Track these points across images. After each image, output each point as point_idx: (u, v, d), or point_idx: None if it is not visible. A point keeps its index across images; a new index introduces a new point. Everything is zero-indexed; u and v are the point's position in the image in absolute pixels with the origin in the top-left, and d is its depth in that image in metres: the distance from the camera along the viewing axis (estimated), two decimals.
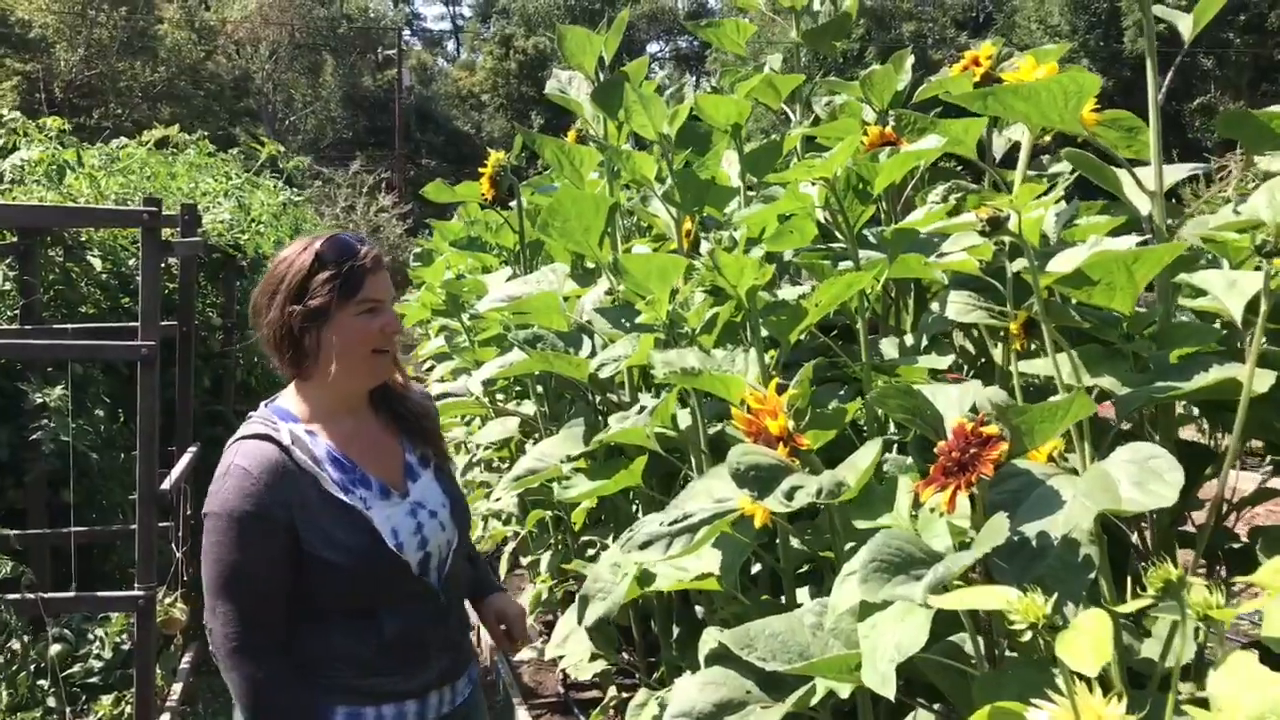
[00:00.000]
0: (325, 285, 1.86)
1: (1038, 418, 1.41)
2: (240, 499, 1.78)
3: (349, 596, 1.85)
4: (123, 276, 3.99)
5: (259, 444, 1.84)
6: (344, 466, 1.89)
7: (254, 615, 1.79)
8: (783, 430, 1.73)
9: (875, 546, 1.33)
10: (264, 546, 1.79)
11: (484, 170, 3.67)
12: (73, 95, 28.65)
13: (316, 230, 9.87)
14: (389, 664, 1.88)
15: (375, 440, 1.99)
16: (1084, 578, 1.34)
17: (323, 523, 1.82)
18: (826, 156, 2.25)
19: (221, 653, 1.79)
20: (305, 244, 1.93)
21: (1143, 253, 1.72)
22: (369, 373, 1.95)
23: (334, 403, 1.94)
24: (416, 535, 1.91)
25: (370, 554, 1.84)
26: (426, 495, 1.98)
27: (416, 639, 1.91)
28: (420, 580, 1.91)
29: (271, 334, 1.90)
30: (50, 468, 3.32)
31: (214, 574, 1.80)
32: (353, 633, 1.86)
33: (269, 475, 1.80)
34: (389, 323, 1.93)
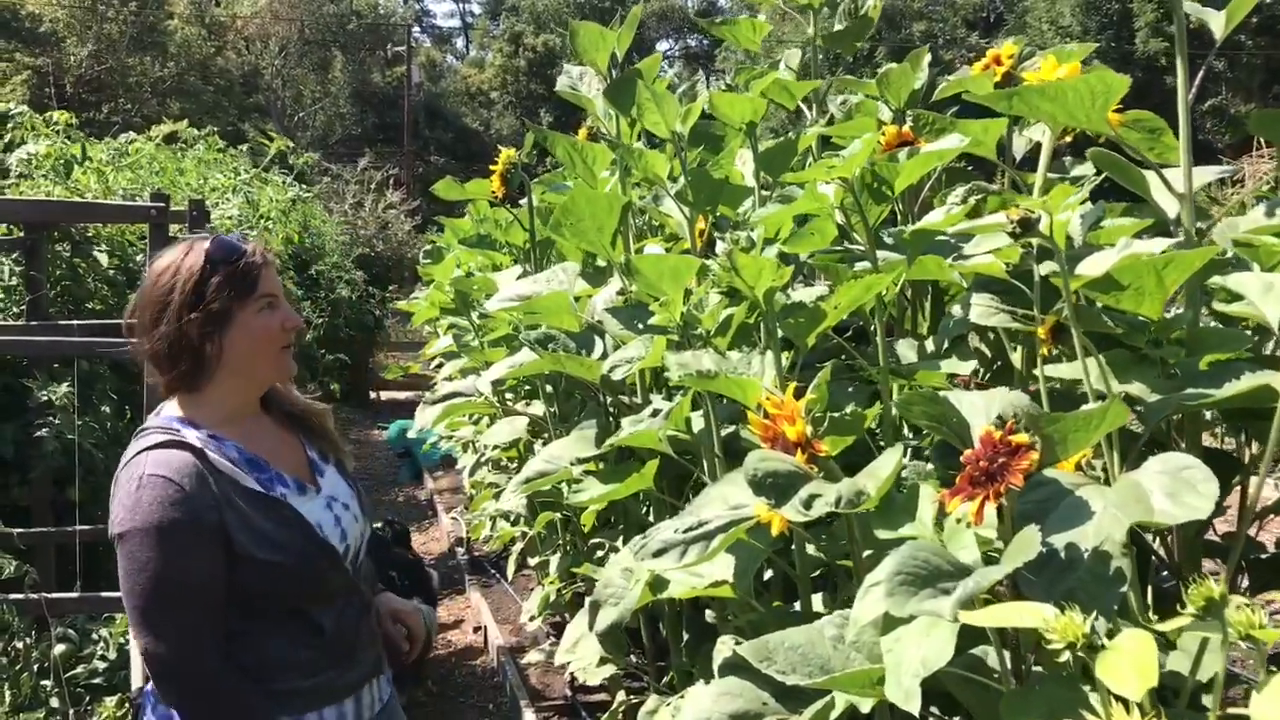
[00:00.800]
0: (221, 286, 1.80)
1: (1071, 426, 1.36)
2: (165, 508, 1.69)
3: (285, 596, 1.81)
4: (130, 272, 3.96)
5: (169, 451, 1.75)
6: (259, 465, 1.84)
7: (203, 627, 1.72)
8: (800, 436, 1.68)
9: (901, 559, 1.28)
10: (200, 554, 1.71)
11: (494, 168, 3.63)
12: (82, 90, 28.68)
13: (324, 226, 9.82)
14: (324, 663, 1.85)
15: (277, 439, 1.95)
16: (1116, 591, 1.30)
17: (254, 522, 1.76)
18: (845, 156, 2.21)
19: (174, 675, 1.71)
20: (186, 249, 1.86)
21: (1174, 257, 1.67)
22: (275, 371, 1.92)
23: (234, 407, 1.88)
24: (337, 528, 1.89)
25: (304, 548, 1.80)
26: (336, 489, 1.96)
27: (350, 633, 1.90)
28: (344, 573, 1.89)
29: (165, 347, 1.81)
30: (55, 465, 3.29)
31: (150, 593, 1.69)
32: (287, 635, 1.82)
33: (190, 480, 1.72)
34: (288, 317, 1.89)
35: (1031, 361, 2.28)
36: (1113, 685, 0.97)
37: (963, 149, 2.26)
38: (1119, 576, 1.30)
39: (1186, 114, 1.99)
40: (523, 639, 4.89)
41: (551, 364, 2.92)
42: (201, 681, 1.71)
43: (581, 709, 4.11)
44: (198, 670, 1.71)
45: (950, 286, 2.60)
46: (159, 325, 1.81)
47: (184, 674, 1.71)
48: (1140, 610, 1.45)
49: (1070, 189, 1.52)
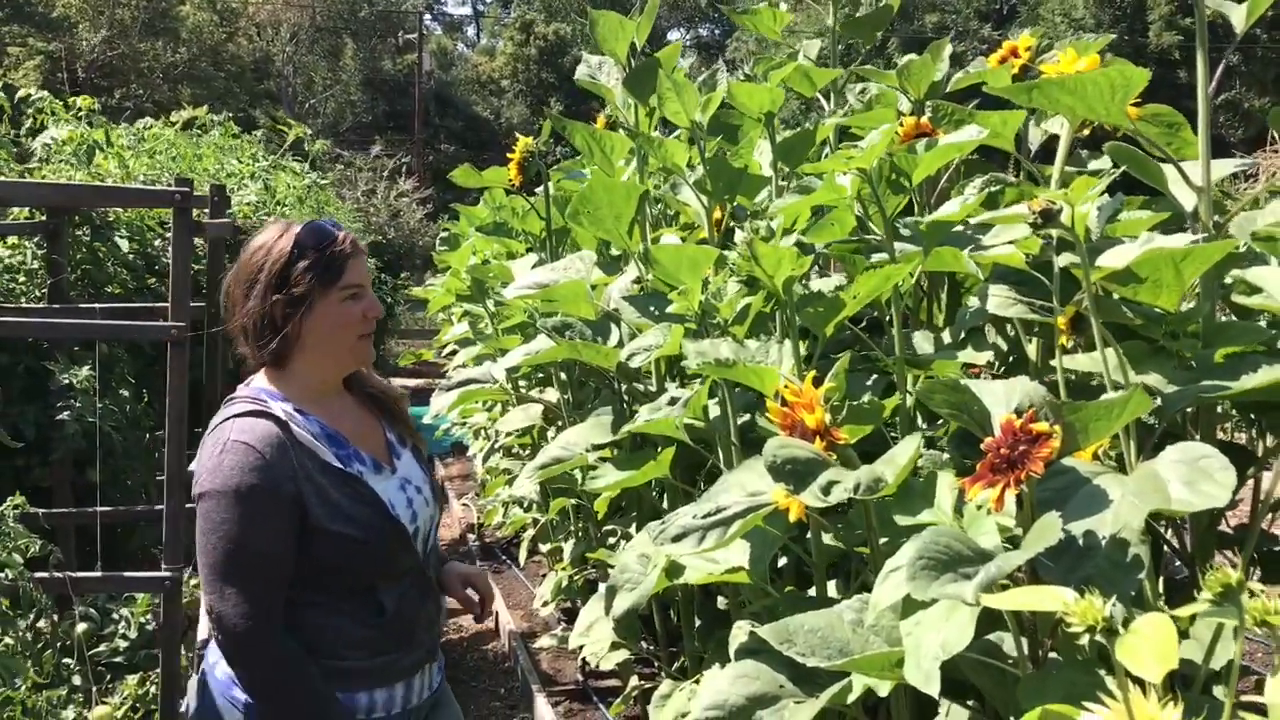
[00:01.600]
0: (307, 271, 1.84)
1: (1092, 415, 1.38)
2: (245, 474, 1.75)
3: (355, 572, 1.85)
4: (149, 257, 3.99)
5: (254, 420, 1.81)
6: (339, 442, 1.89)
7: (269, 594, 1.76)
8: (820, 424, 1.71)
9: (923, 544, 1.30)
10: (274, 522, 1.76)
11: (511, 156, 3.65)
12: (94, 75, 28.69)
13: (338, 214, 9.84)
14: (386, 642, 1.88)
15: (358, 419, 1.99)
16: (1134, 578, 1.32)
17: (330, 496, 1.81)
18: (863, 147, 2.23)
19: (236, 637, 1.74)
20: (281, 230, 1.91)
21: (1193, 250, 1.69)
22: (353, 358, 1.95)
23: (316, 387, 1.93)
24: (409, 509, 1.93)
25: (378, 524, 1.84)
26: (411, 472, 2.00)
27: (411, 615, 1.92)
28: (415, 552, 1.93)
29: (251, 323, 1.86)
30: (76, 447, 3.32)
31: (220, 555, 1.75)
32: (350, 613, 1.86)
33: (272, 449, 1.78)
34: (370, 307, 1.93)
35: (1048, 353, 2.29)
36: (1132, 667, 0.99)
37: (981, 141, 2.27)
38: (1137, 563, 1.32)
39: (1206, 108, 1.99)
40: (534, 624, 4.92)
41: (568, 351, 2.95)
42: (259, 644, 1.75)
43: (593, 694, 4.14)
44: (256, 632, 1.74)
45: (966, 278, 2.62)
46: (247, 301, 1.86)
47: (242, 634, 1.74)
48: (1155, 598, 1.47)
49: (1092, 180, 1.54)
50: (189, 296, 2.64)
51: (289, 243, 1.86)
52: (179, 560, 2.67)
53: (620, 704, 3.61)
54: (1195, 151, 2.15)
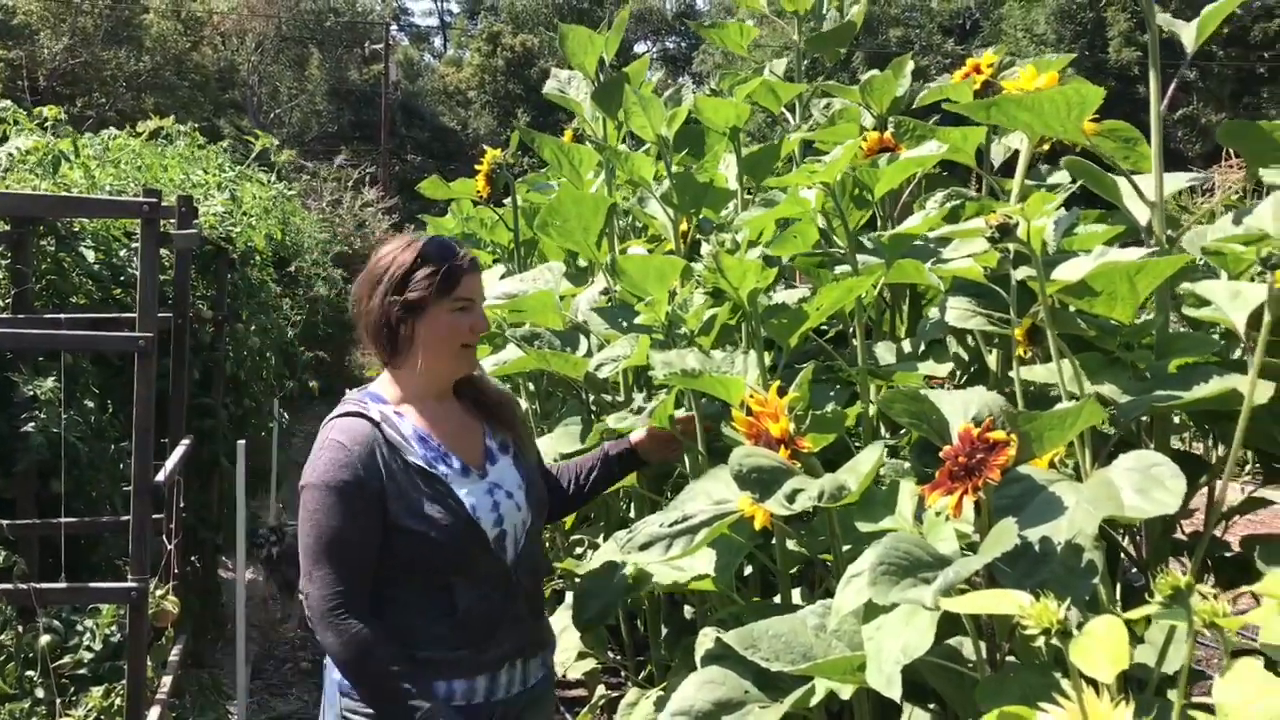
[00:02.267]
0: (424, 280, 2.02)
1: (1047, 424, 1.42)
2: (337, 470, 1.94)
3: (429, 568, 1.98)
4: (115, 267, 3.97)
5: (352, 420, 2.01)
6: (428, 444, 2.04)
7: (349, 579, 1.92)
8: (784, 433, 1.74)
9: (883, 550, 1.34)
10: (358, 514, 1.93)
11: (479, 167, 3.67)
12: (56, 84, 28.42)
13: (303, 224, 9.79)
14: (460, 638, 1.99)
15: (459, 423, 2.13)
16: (1088, 582, 1.36)
17: (409, 494, 1.96)
18: (827, 161, 2.27)
19: (318, 615, 1.92)
20: (408, 242, 2.10)
21: (1146, 264, 1.74)
22: (456, 365, 2.11)
23: (422, 388, 2.09)
24: (494, 513, 2.04)
25: (452, 525, 1.97)
26: (504, 477, 2.11)
27: (486, 614, 2.02)
28: (495, 556, 2.03)
29: (371, 323, 2.06)
30: (40, 458, 3.30)
31: (312, 541, 1.94)
32: (428, 607, 1.99)
33: (362, 448, 1.96)
34: (478, 322, 2.09)
35: (1007, 364, 2.34)
36: (1085, 668, 1.02)
37: (942, 155, 2.32)
38: (1090, 569, 1.36)
39: (1159, 124, 2.05)
40: None
41: (537, 361, 2.97)
42: (338, 622, 1.90)
43: (560, 704, 4.15)
44: (336, 611, 1.90)
45: (928, 290, 2.66)
46: (368, 302, 2.06)
47: (324, 613, 1.91)
48: (1110, 602, 1.51)
49: (1048, 195, 1.58)
50: (156, 308, 2.64)
51: (413, 253, 2.04)
52: (145, 571, 2.66)
53: (587, 713, 3.62)
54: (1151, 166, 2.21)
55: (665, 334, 2.57)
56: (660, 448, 2.43)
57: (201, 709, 3.40)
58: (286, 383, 7.07)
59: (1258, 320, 1.56)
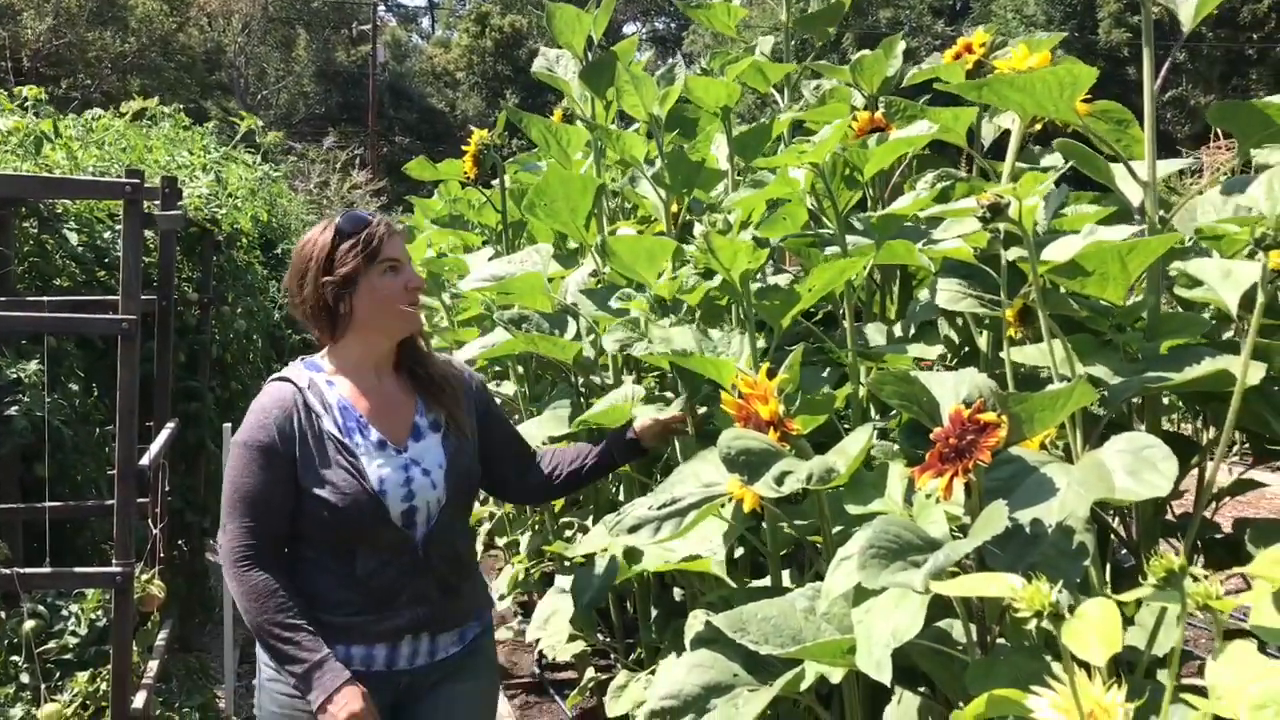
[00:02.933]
0: (349, 253, 2.08)
1: (1038, 406, 1.41)
2: (255, 430, 2.04)
3: (331, 533, 2.04)
4: (98, 249, 3.93)
5: (278, 384, 2.11)
6: (349, 414, 2.10)
7: (259, 533, 2.02)
8: (774, 415, 1.73)
9: (873, 533, 1.33)
10: (267, 473, 2.02)
11: (467, 148, 3.64)
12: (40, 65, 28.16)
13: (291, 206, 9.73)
14: (361, 604, 2.05)
15: (389, 397, 2.17)
16: (1079, 564, 1.35)
17: (318, 459, 2.03)
18: (816, 141, 2.25)
19: (227, 565, 2.02)
20: (323, 226, 2.16)
21: (1138, 243, 1.73)
22: (401, 326, 2.15)
23: (360, 360, 2.15)
24: (404, 488, 2.07)
25: (354, 494, 2.02)
26: (425, 455, 2.14)
27: (388, 585, 2.07)
28: (399, 531, 2.07)
29: (309, 308, 2.12)
30: (24, 442, 3.27)
31: (227, 495, 2.05)
32: (333, 570, 2.06)
33: (280, 411, 2.05)
34: (411, 278, 2.14)
35: (998, 346, 2.33)
36: (1077, 651, 1.01)
37: (933, 136, 2.30)
38: (1082, 550, 1.35)
39: (1152, 104, 2.03)
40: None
41: (525, 344, 2.95)
42: (242, 573, 2.00)
43: (550, 686, 4.15)
44: (241, 562, 2.00)
45: (918, 271, 2.65)
46: (303, 290, 2.11)
47: (230, 563, 2.01)
48: (1101, 585, 1.50)
49: (1040, 175, 1.57)
50: (140, 290, 2.61)
51: (331, 232, 2.11)
52: (129, 556, 2.64)
53: (576, 695, 3.62)
54: (1143, 149, 2.20)
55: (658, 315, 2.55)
56: (662, 429, 2.43)
57: (189, 693, 3.38)
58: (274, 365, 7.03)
59: (1250, 301, 1.54)
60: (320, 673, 1.96)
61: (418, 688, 2.13)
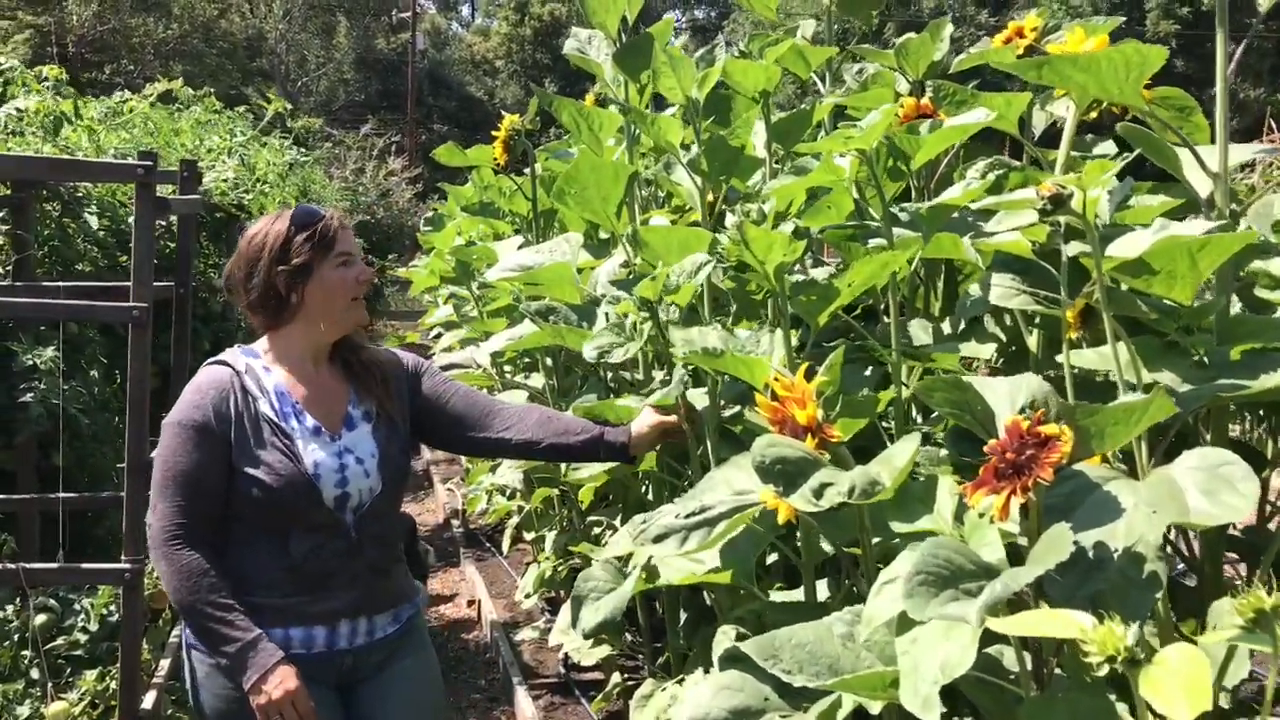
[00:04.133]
0: (304, 244, 2.11)
1: (1110, 419, 1.27)
2: (190, 410, 2.06)
3: (265, 514, 2.06)
4: (121, 234, 3.85)
5: (215, 367, 2.14)
6: (285, 400, 2.13)
7: (189, 512, 2.02)
8: (811, 420, 1.60)
9: (921, 557, 1.19)
10: (201, 453, 2.04)
11: (497, 134, 3.53)
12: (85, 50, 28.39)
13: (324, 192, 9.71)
14: (295, 586, 2.08)
15: (324, 386, 2.20)
16: (1150, 596, 1.21)
17: (253, 441, 2.06)
18: (863, 127, 2.11)
19: (155, 544, 2.03)
20: (274, 216, 2.19)
21: (1212, 240, 1.58)
22: (348, 318, 2.19)
23: (301, 349, 2.18)
24: (338, 474, 2.11)
25: (288, 476, 2.05)
26: (358, 444, 2.17)
27: (322, 567, 2.10)
28: (332, 514, 2.10)
29: (257, 296, 2.13)
30: (41, 430, 3.20)
31: (159, 474, 2.06)
32: (267, 552, 2.08)
33: (216, 392, 2.08)
34: (362, 271, 2.19)
35: (1050, 346, 2.19)
36: (1159, 705, 0.88)
37: (987, 123, 2.16)
38: (1153, 580, 1.22)
39: (1224, 89, 1.89)
40: (517, 614, 4.82)
41: (552, 337, 2.84)
42: (170, 553, 2.01)
43: (575, 687, 4.04)
44: (169, 542, 2.01)
45: (964, 265, 2.51)
46: (252, 279, 2.12)
47: (158, 543, 2.02)
48: (1169, 615, 1.36)
49: (1106, 164, 1.43)
50: (151, 276, 2.51)
51: (285, 223, 2.14)
52: (140, 551, 2.55)
53: (602, 700, 3.51)
54: (1206, 137, 2.05)
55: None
56: (659, 437, 2.38)
57: None
58: None
59: None
60: (254, 653, 1.99)
61: (361, 667, 2.18)
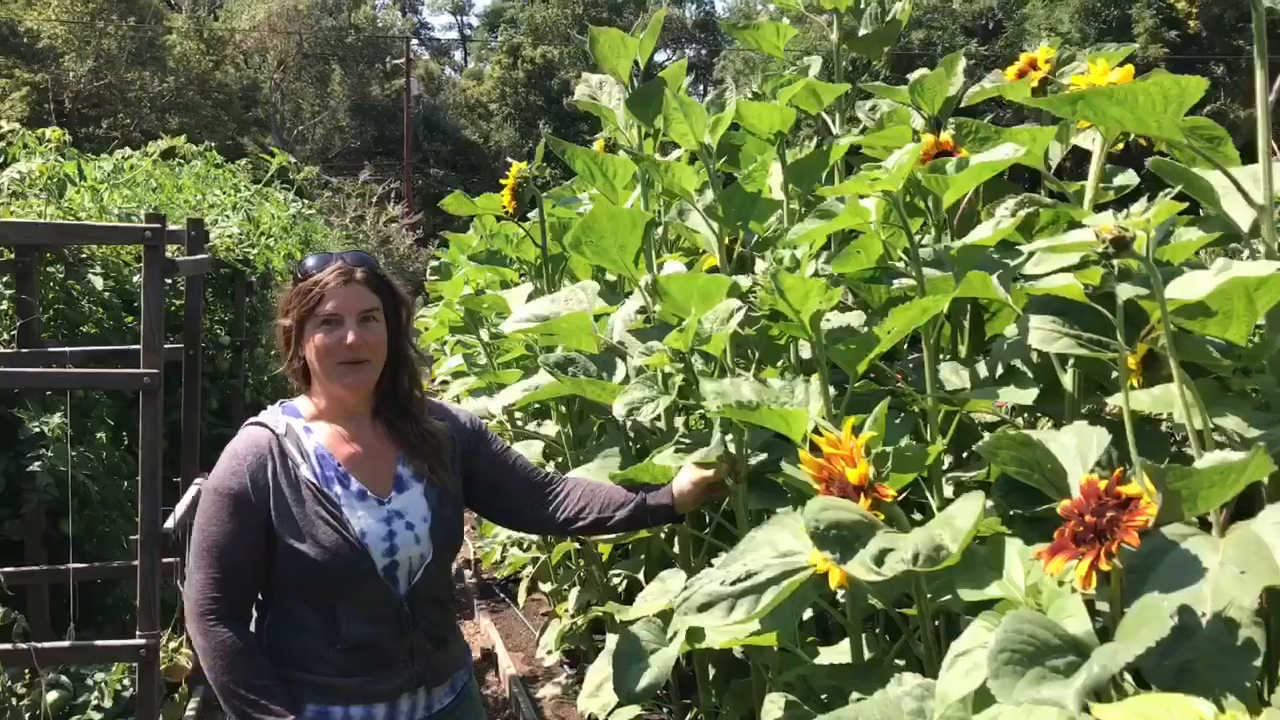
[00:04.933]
0: (295, 302, 2.00)
1: (1205, 482, 1.19)
2: (227, 477, 1.95)
3: (312, 589, 1.95)
4: (126, 294, 3.80)
5: (253, 429, 2.02)
6: (328, 463, 2.00)
7: (225, 585, 1.92)
8: (863, 479, 1.52)
9: (1005, 634, 1.11)
10: (237, 523, 1.92)
11: (505, 181, 3.49)
12: (81, 105, 28.57)
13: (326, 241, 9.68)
14: (352, 666, 1.95)
15: (369, 446, 2.07)
16: (1248, 665, 1.13)
17: (296, 509, 1.93)
18: (889, 167, 2.05)
19: (191, 617, 1.92)
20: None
21: (1270, 278, 1.52)
22: (339, 385, 2.02)
23: (331, 406, 2.06)
24: (386, 541, 1.97)
25: (335, 547, 1.92)
26: (409, 507, 2.04)
27: (378, 645, 1.98)
28: (383, 584, 1.97)
29: (280, 352, 2.08)
30: (49, 498, 3.12)
31: (194, 543, 1.95)
32: (318, 631, 1.95)
33: (254, 458, 1.96)
34: (346, 337, 1.98)
35: (1086, 387, 2.12)
36: None
37: (1016, 160, 2.10)
38: (1250, 649, 1.14)
39: (1266, 115, 1.84)
40: (535, 668, 4.72)
41: (571, 388, 2.77)
42: (207, 627, 1.90)
43: None
44: (207, 616, 1.90)
45: (991, 304, 2.45)
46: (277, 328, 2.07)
47: (195, 617, 1.91)
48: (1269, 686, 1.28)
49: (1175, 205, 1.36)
50: (162, 341, 2.45)
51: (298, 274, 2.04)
52: (155, 625, 2.47)
53: None
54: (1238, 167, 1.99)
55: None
56: (703, 494, 2.26)
57: None
58: None
59: None
60: None
61: None
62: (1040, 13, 34.76)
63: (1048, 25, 33.43)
